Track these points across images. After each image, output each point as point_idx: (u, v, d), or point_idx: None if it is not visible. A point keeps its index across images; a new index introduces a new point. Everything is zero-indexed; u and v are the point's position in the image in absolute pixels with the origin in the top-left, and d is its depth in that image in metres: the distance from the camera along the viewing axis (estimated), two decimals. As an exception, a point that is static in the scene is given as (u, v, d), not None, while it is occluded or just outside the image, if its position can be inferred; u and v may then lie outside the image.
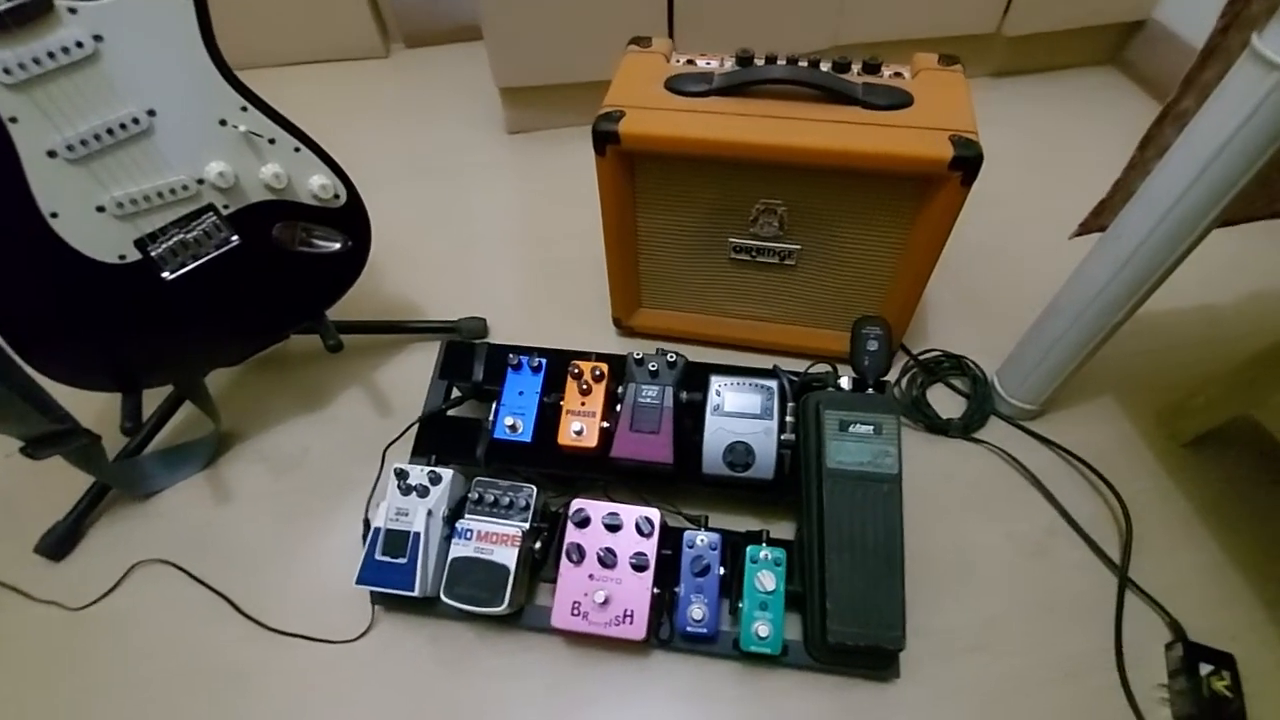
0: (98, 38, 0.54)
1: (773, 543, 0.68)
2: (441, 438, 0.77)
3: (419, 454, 0.76)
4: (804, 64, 0.71)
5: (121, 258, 0.62)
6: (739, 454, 0.70)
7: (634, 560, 0.65)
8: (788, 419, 0.71)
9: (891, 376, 0.89)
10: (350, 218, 0.75)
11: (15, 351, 0.62)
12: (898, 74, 0.74)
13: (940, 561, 0.74)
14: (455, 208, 1.15)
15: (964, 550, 0.75)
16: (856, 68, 0.74)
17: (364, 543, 0.73)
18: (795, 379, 0.74)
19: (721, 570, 0.67)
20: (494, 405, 0.75)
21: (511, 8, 1.07)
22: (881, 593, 0.62)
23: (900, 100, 0.69)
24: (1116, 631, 0.68)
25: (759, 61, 0.73)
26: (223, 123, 0.63)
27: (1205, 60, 0.55)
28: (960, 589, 0.72)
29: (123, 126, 0.58)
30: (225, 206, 0.66)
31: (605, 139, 0.69)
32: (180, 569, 0.75)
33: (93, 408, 0.85)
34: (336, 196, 0.72)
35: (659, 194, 0.76)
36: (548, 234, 1.10)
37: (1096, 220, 0.70)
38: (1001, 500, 0.78)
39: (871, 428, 0.66)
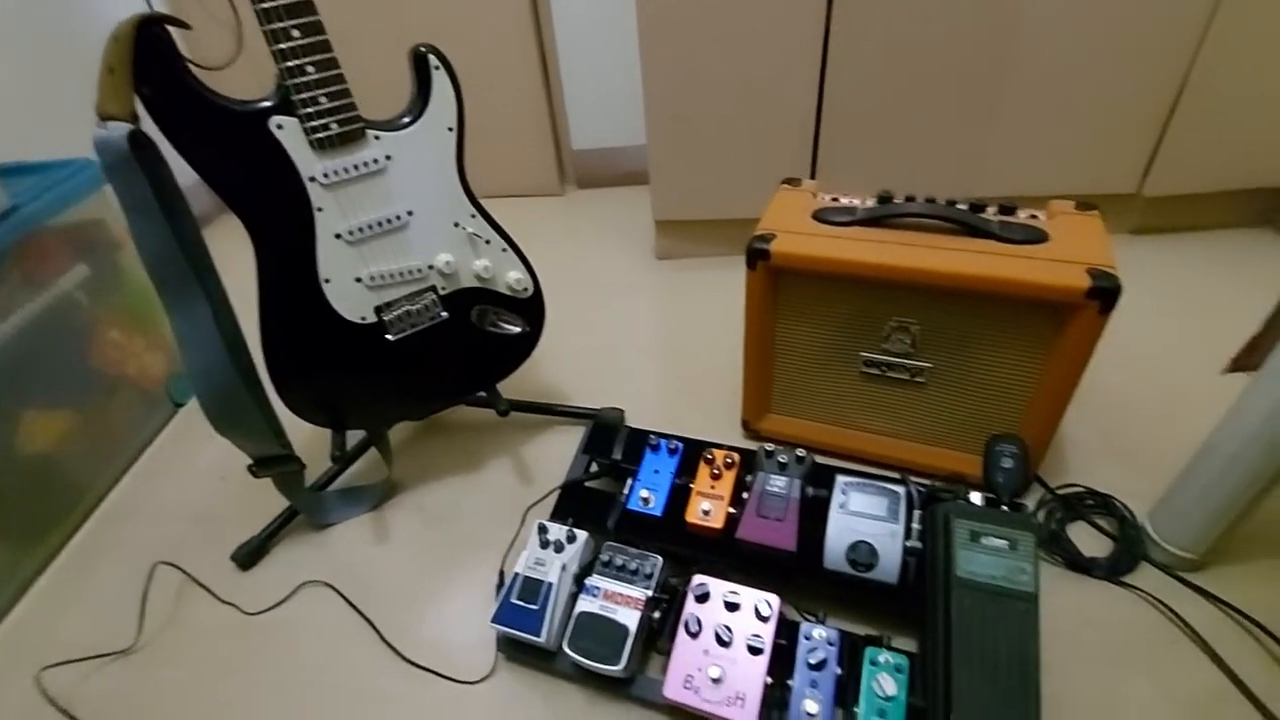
0: (389, 157, 0.74)
1: (894, 650, 0.67)
2: (579, 505, 0.84)
3: (557, 517, 0.83)
4: (942, 202, 0.80)
5: (363, 319, 0.79)
6: (862, 553, 0.71)
7: (750, 642, 0.67)
8: (914, 526, 0.72)
9: (1028, 508, 0.86)
10: (532, 308, 0.89)
11: (272, 382, 0.79)
12: (1033, 216, 0.80)
13: (1083, 710, 0.68)
14: (605, 317, 1.29)
15: (1112, 702, 0.68)
16: (992, 209, 0.81)
17: (498, 592, 0.80)
18: (923, 488, 0.75)
19: (838, 670, 0.66)
20: (629, 480, 0.82)
21: (676, 152, 1.27)
22: (1014, 717, 0.58)
23: (1036, 237, 0.75)
24: (1311, 827, 0.59)
25: (898, 200, 0.83)
26: (456, 224, 0.80)
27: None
28: (1108, 744, 0.66)
29: (389, 221, 0.76)
30: (443, 288, 0.82)
31: (758, 255, 0.79)
32: (339, 593, 0.84)
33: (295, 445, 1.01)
34: (526, 290, 0.87)
35: (799, 307, 0.84)
36: (684, 345, 1.21)
37: (1249, 358, 0.69)
38: (1156, 654, 0.72)
39: (1006, 542, 0.66)
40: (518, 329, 0.89)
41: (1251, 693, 0.67)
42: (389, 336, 0.81)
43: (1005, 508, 0.70)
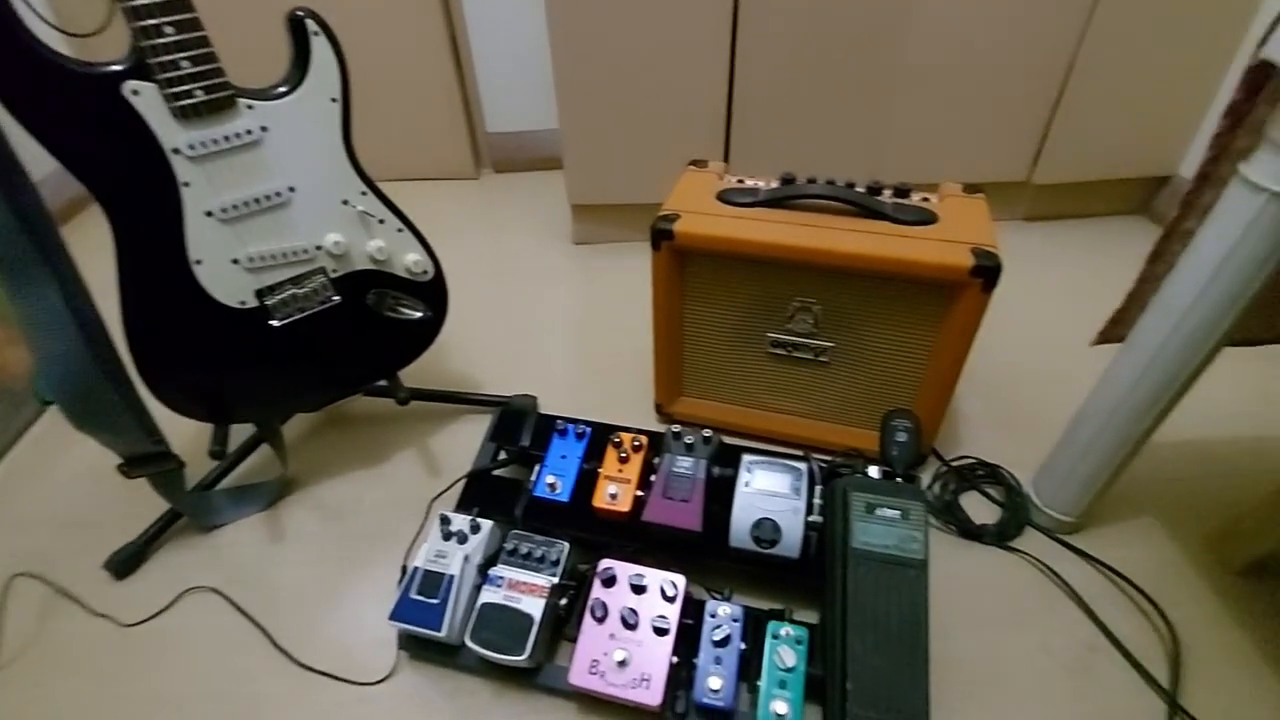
0: (264, 128, 0.69)
1: (795, 622, 0.68)
2: (486, 494, 0.81)
3: (463, 507, 0.80)
4: (842, 184, 0.81)
5: (242, 303, 0.73)
6: (766, 530, 0.72)
7: (656, 624, 0.66)
8: (816, 501, 0.73)
9: (924, 481, 0.90)
10: (433, 292, 0.85)
11: (139, 374, 0.72)
12: (925, 198, 0.83)
13: (971, 668, 0.71)
14: (520, 303, 1.27)
15: (996, 659, 0.72)
16: (888, 192, 0.83)
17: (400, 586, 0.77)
18: (825, 464, 0.77)
19: (742, 645, 0.67)
20: (536, 467, 0.81)
21: (590, 136, 1.25)
22: (904, 679, 0.60)
23: (926, 218, 0.77)
24: (1168, 762, 0.64)
25: (800, 182, 0.84)
26: (345, 202, 0.76)
27: (1200, 186, 0.61)
28: (993, 700, 0.69)
29: (267, 197, 0.71)
30: (333, 270, 0.78)
31: (662, 236, 0.79)
32: (227, 598, 0.79)
33: (178, 442, 0.94)
34: (426, 272, 0.83)
35: (705, 288, 0.84)
36: (600, 330, 1.19)
37: (1115, 330, 0.74)
38: (1037, 612, 0.76)
39: (898, 513, 0.68)
40: (419, 314, 0.85)
41: (1120, 643, 0.73)
42: (274, 322, 0.76)
43: (899, 480, 0.73)
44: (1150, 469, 0.90)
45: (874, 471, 0.73)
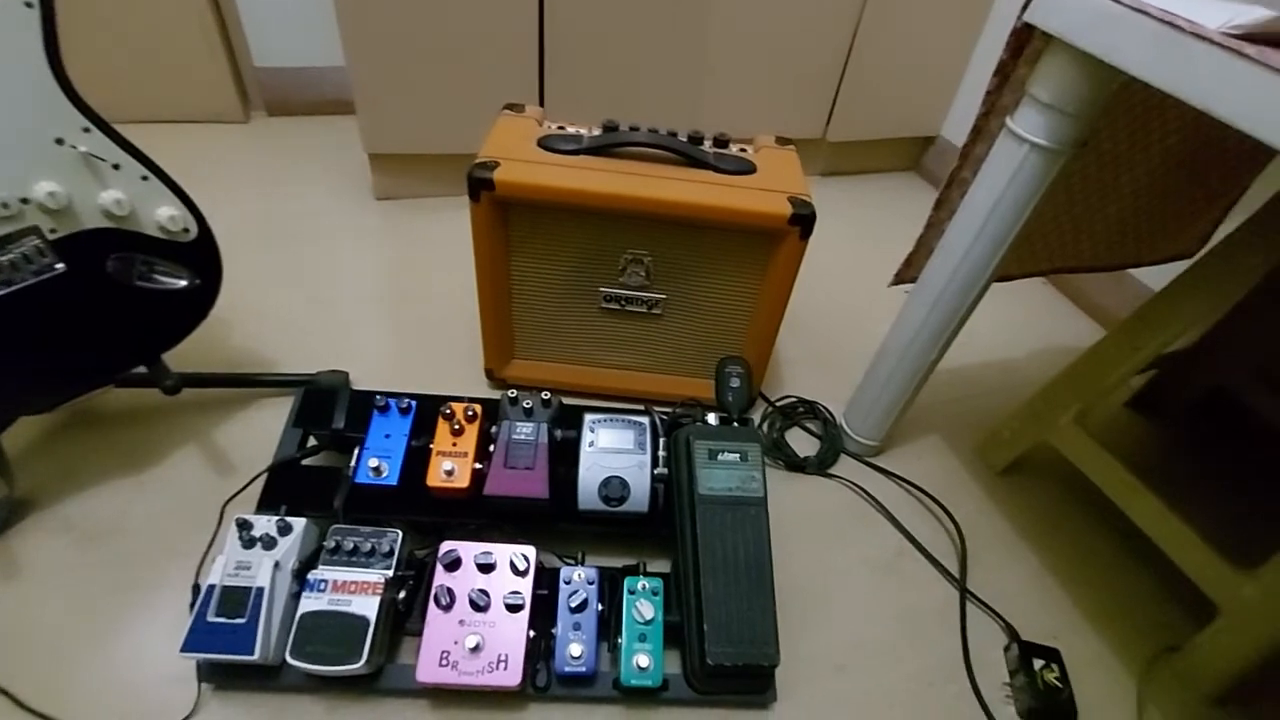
0: (-85, 36, 0.50)
1: (650, 574, 0.68)
2: (295, 488, 0.71)
3: (266, 506, 0.69)
4: (664, 133, 0.80)
5: (-90, 278, 0.55)
6: (614, 488, 0.70)
7: (509, 600, 0.63)
8: (660, 454, 0.74)
9: (754, 421, 0.95)
10: (200, 255, 0.71)
11: None
12: (743, 149, 0.84)
13: (805, 589, 0.77)
14: (318, 268, 1.11)
15: (825, 576, 0.79)
16: (709, 141, 0.83)
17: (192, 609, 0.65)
18: (665, 416, 0.77)
19: (600, 606, 0.65)
20: (356, 450, 0.71)
21: (383, 75, 1.11)
22: (755, 611, 0.63)
23: (746, 168, 0.79)
24: (963, 640, 0.74)
25: (623, 129, 0.81)
26: (59, 141, 0.59)
27: (974, 139, 0.69)
28: (825, 613, 0.75)
29: (-67, 133, 0.53)
30: (52, 230, 0.60)
31: (481, 185, 0.72)
32: (-61, 664, 0.61)
33: None
34: (186, 230, 0.68)
35: (531, 242, 0.79)
36: (417, 294, 1.09)
37: (908, 271, 0.82)
38: (855, 528, 0.84)
39: (738, 455, 0.70)
40: (182, 282, 0.70)
41: (921, 545, 0.83)
42: (-34, 302, 0.58)
43: (736, 424, 0.75)
44: (932, 394, 1.03)
45: (713, 418, 0.75)
